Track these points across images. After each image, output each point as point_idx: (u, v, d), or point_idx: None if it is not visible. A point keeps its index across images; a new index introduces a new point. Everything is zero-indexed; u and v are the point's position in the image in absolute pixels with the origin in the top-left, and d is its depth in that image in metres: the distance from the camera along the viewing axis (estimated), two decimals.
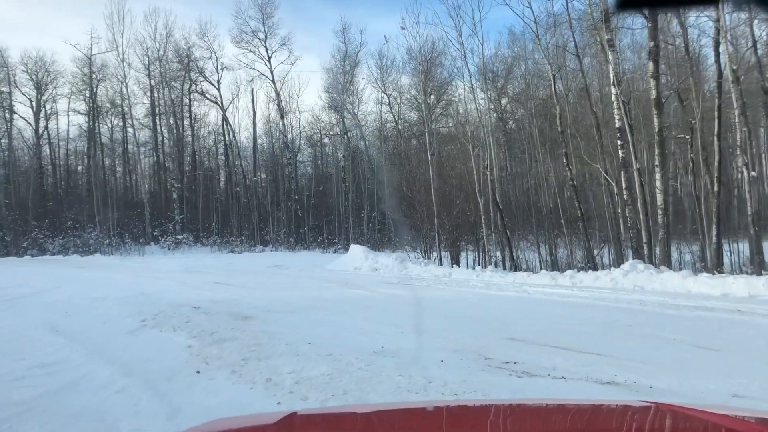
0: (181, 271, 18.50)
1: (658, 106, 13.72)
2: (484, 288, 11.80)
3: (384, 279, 15.09)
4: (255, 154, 37.81)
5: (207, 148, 39.61)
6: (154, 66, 35.97)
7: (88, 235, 29.64)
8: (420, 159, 39.21)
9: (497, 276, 14.54)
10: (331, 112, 38.67)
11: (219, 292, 11.75)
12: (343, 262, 20.77)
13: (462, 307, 8.99)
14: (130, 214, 31.80)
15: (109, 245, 29.69)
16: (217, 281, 14.41)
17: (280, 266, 21.04)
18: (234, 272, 18.17)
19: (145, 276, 16.38)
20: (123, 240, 30.27)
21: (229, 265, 21.85)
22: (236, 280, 15.11)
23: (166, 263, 22.33)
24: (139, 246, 30.24)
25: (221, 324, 7.57)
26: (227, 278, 15.56)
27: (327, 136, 40.04)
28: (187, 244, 31.62)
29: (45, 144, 35.83)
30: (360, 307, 9.09)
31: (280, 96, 35.95)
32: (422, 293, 11.16)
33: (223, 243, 32.46)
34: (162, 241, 31.05)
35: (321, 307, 9.11)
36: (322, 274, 17.09)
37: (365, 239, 34.49)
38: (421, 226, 20.33)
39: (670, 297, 9.65)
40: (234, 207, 35.75)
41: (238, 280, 14.83)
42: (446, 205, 18.85)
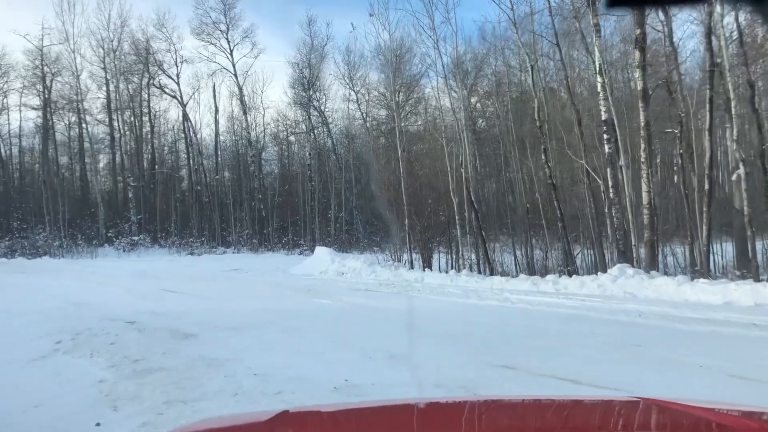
0: (131, 275, 17.01)
1: (645, 99, 12.78)
2: (461, 296, 10.67)
3: (351, 285, 13.89)
4: (217, 152, 36.23)
5: (167, 145, 37.87)
6: (110, 58, 34.17)
7: (37, 236, 27.76)
8: (389, 157, 38.22)
9: (473, 281, 13.45)
10: (297, 109, 37.32)
11: (165, 302, 10.42)
12: (307, 266, 19.51)
13: (440, 322, 7.84)
14: (84, 215, 29.95)
15: (59, 247, 27.86)
16: (166, 288, 13.04)
17: (239, 270, 19.67)
18: (188, 277, 16.77)
19: (89, 282, 14.89)
20: (75, 242, 28.45)
21: (185, 268, 20.39)
22: (188, 286, 13.75)
23: (117, 267, 20.75)
24: (92, 248, 28.45)
25: (153, 346, 6.30)
26: (179, 284, 14.18)
27: (293, 134, 38.65)
28: (143, 245, 29.93)
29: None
30: (322, 323, 7.87)
31: (242, 91, 34.49)
32: (393, 303, 9.98)
33: (182, 244, 30.84)
34: (117, 242, 29.31)
35: (277, 322, 7.87)
36: (283, 280, 15.79)
37: (332, 240, 33.22)
38: (391, 227, 19.17)
39: (670, 306, 8.65)
40: (195, 207, 34.13)
41: (191, 287, 13.47)
42: (417, 205, 17.74)
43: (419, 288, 12.41)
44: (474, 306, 9.45)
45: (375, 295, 11.18)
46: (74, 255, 27.55)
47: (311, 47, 35.02)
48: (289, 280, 15.72)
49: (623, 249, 12.23)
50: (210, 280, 15.79)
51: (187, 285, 14.11)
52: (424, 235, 17.40)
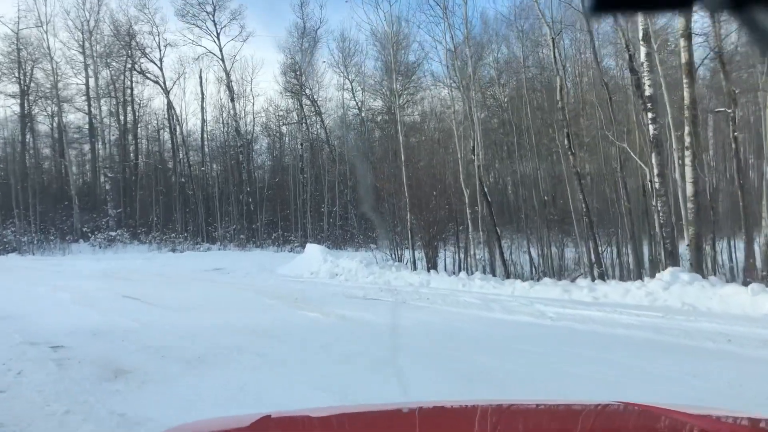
0: (96, 276, 15.00)
1: (690, 74, 10.84)
2: (482, 307, 8.70)
3: (346, 290, 11.92)
4: (203, 142, 34.14)
5: (150, 135, 35.70)
6: (89, 43, 31.95)
7: (5, 231, 25.64)
8: (386, 148, 36.23)
9: (490, 286, 11.50)
10: (289, 98, 35.27)
11: (117, 315, 8.43)
12: (297, 265, 17.55)
13: (463, 349, 5.88)
14: (57, 208, 27.81)
15: (29, 243, 25.74)
16: (129, 294, 11.02)
17: (221, 270, 17.67)
18: (161, 279, 14.77)
19: (41, 285, 12.85)
20: (47, 237, 26.33)
21: (161, 268, 18.35)
22: (156, 291, 11.76)
23: (86, 265, 18.68)
24: (65, 244, 26.36)
25: (61, 392, 4.33)
26: (146, 289, 12.19)
27: (284, 124, 36.61)
28: (121, 241, 27.83)
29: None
30: (308, 351, 5.89)
31: (230, 77, 32.35)
32: (400, 318, 8.01)
33: (164, 241, 28.75)
34: (92, 238, 27.19)
35: (249, 348, 5.90)
36: (269, 283, 13.81)
37: (325, 236, 31.22)
38: (391, 222, 17.22)
39: (758, 326, 6.73)
40: (179, 200, 32.05)
41: (158, 293, 11.48)
42: (420, 197, 15.77)
43: (427, 295, 10.44)
44: (502, 323, 7.49)
45: (375, 306, 9.21)
46: (45, 252, 25.46)
47: (303, 31, 32.97)
48: (275, 283, 13.73)
49: (670, 249, 10.30)
50: (184, 283, 13.79)
51: (155, 289, 12.12)
52: (429, 232, 15.44)
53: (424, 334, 6.81)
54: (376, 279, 13.98)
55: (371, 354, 5.67)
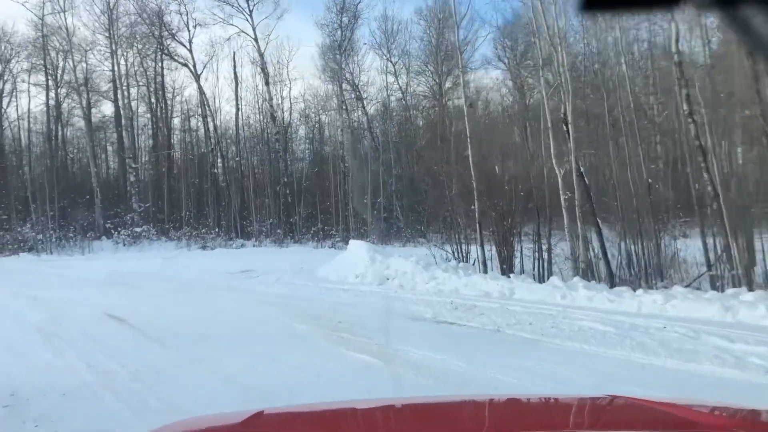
0: (97, 283, 12.45)
1: None
2: (624, 341, 5.55)
3: (405, 305, 8.96)
4: (237, 131, 31.57)
5: (182, 124, 33.38)
6: (114, 26, 29.68)
7: (21, 228, 23.54)
8: (434, 133, 33.13)
9: (602, 298, 8.34)
10: (327, 82, 32.48)
11: (75, 355, 5.69)
12: (339, 266, 14.67)
13: None
14: (79, 203, 25.61)
15: (47, 240, 23.57)
16: (118, 312, 8.28)
17: (250, 272, 14.90)
18: (173, 287, 12.06)
19: (18, 296, 10.26)
20: (66, 234, 24.13)
21: (181, 270, 15.70)
22: (156, 307, 9.02)
23: (96, 267, 16.19)
24: (87, 242, 24.11)
25: None
26: (147, 302, 9.50)
27: (323, 111, 33.85)
28: (148, 238, 25.48)
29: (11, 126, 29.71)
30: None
31: (264, 59, 29.64)
32: (507, 368, 4.93)
33: (194, 237, 26.29)
34: (116, 235, 24.90)
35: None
36: (303, 293, 10.93)
37: (369, 230, 28.35)
38: (451, 212, 14.19)
39: None
40: (211, 193, 29.60)
41: (158, 309, 8.74)
42: (491, 182, 12.69)
43: (522, 315, 7.36)
44: (698, 386, 4.38)
45: (458, 339, 6.21)
46: (65, 250, 23.27)
47: (343, 5, 30.02)
48: (312, 292, 10.86)
49: None
50: (199, 293, 11.02)
51: (156, 304, 9.38)
52: (502, 224, 12.32)
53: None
54: (439, 286, 10.98)
55: None
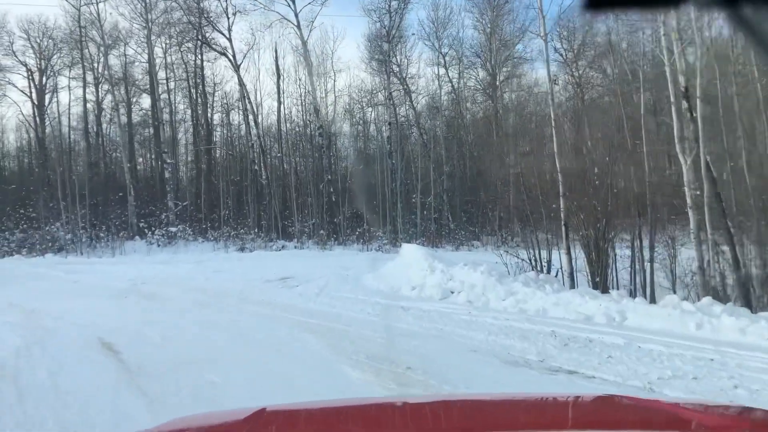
0: (111, 293, 10.63)
1: None
2: None
3: (490, 337, 6.83)
4: (279, 125, 29.83)
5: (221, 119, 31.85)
6: (152, 13, 28.27)
7: (49, 228, 22.19)
8: (487, 129, 30.77)
9: (755, 332, 6.07)
10: (374, 74, 30.54)
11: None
12: (391, 274, 12.66)
13: None
14: (111, 201, 24.19)
15: (76, 241, 22.18)
16: (114, 337, 6.44)
17: (289, 280, 12.95)
18: (195, 300, 10.15)
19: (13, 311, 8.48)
20: (97, 234, 22.70)
21: (211, 277, 13.84)
22: (165, 329, 7.11)
23: (119, 271, 14.49)
24: (119, 242, 22.63)
25: None
26: (158, 321, 7.61)
27: (369, 105, 31.89)
28: (183, 238, 23.90)
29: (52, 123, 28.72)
30: None
31: (307, 46, 27.76)
32: None
33: (233, 237, 24.59)
34: (149, 235, 23.37)
35: None
36: (353, 310, 8.88)
37: (418, 232, 26.26)
38: (529, 212, 11.97)
39: None
40: (251, 191, 27.91)
41: (168, 331, 6.85)
42: (579, 176, 10.42)
43: (683, 366, 5.14)
44: None
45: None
46: (95, 251, 21.83)
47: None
48: (362, 311, 8.79)
49: None
50: (225, 310, 9.05)
51: (167, 324, 7.46)
52: (593, 227, 10.03)
53: None
54: (520, 304, 8.80)
55: None
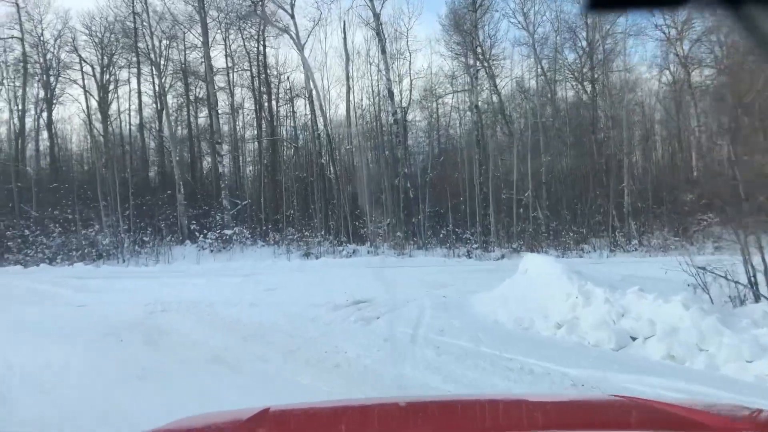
0: (110, 331, 7.10)
1: None
2: None
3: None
4: (348, 113, 26.27)
5: (285, 110, 28.59)
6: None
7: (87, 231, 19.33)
8: (586, 116, 26.24)
9: None
10: (454, 56, 26.54)
11: None
12: (511, 296, 8.83)
13: None
14: (158, 201, 21.19)
15: (117, 246, 19.22)
16: None
17: (365, 305, 9.15)
18: (229, 338, 6.57)
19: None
20: (142, 239, 19.67)
21: (264, 296, 10.20)
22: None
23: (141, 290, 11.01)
24: (166, 246, 19.56)
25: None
26: (132, 394, 3.86)
27: (449, 92, 27.87)
28: (240, 242, 20.60)
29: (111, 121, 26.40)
30: None
31: (380, 20, 23.97)
32: None
33: (297, 240, 21.12)
34: (201, 238, 20.17)
35: None
36: (481, 381, 4.91)
37: (515, 234, 22.05)
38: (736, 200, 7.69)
39: None
40: (317, 188, 24.42)
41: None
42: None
43: None
44: None
45: None
46: (139, 257, 18.80)
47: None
48: (495, 374, 4.82)
49: None
50: (260, 369, 5.32)
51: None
52: None
53: None
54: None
55: None
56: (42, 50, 25.62)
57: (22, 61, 24.32)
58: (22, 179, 22.15)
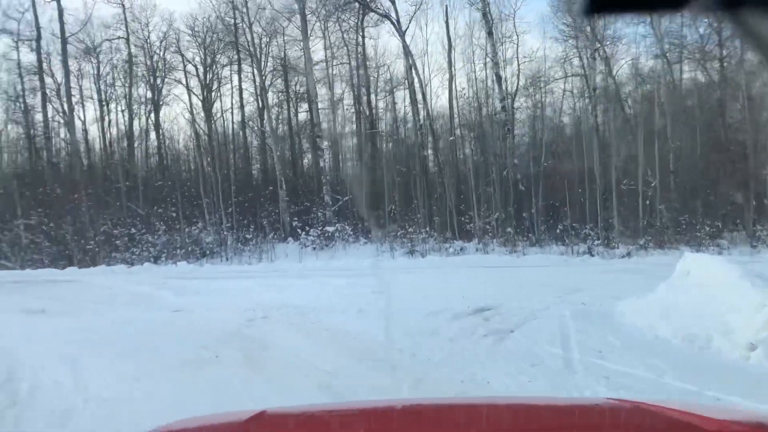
0: (204, 343, 6.22)
1: None
2: None
3: None
4: (451, 101, 24.90)
5: (386, 101, 27.61)
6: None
7: (190, 229, 19.14)
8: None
9: None
10: (564, 38, 24.55)
11: None
12: (671, 305, 7.21)
13: None
14: (260, 198, 20.75)
15: (222, 243, 18.91)
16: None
17: (492, 315, 7.81)
18: (337, 362, 5.43)
19: None
20: (245, 237, 19.25)
21: (373, 301, 8.96)
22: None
23: (242, 291, 10.25)
24: (270, 243, 19.07)
25: None
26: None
27: (561, 77, 25.86)
28: (342, 239, 19.78)
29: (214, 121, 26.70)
30: None
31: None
32: None
33: (400, 237, 20.02)
34: (303, 235, 19.49)
35: None
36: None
37: (640, 229, 19.87)
38: None
39: None
40: (419, 182, 23.23)
41: None
42: None
43: None
44: None
45: None
46: (242, 255, 18.40)
47: None
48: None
49: None
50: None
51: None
52: None
53: None
54: None
55: None
56: (149, 52, 26.10)
57: (128, 62, 24.69)
58: (131, 179, 22.42)
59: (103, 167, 24.19)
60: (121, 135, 25.50)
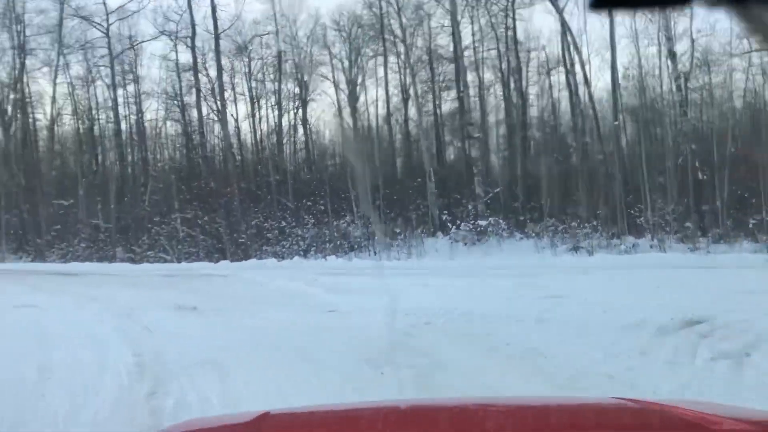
0: (354, 360, 5.32)
1: None
2: None
3: None
4: (614, 83, 22.56)
5: (540, 86, 25.75)
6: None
7: (338, 223, 18.75)
8: None
9: None
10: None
11: None
12: None
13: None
14: (407, 189, 19.93)
15: (370, 237, 18.33)
16: None
17: (707, 328, 6.14)
18: (535, 382, 4.22)
19: None
20: (393, 231, 18.51)
21: (551, 307, 7.56)
22: None
23: (399, 290, 9.26)
24: (419, 238, 18.20)
25: None
26: None
27: (746, 51, 22.49)
28: (496, 234, 18.41)
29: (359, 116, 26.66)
30: None
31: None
32: None
33: (559, 232, 18.28)
34: (453, 230, 18.38)
35: None
36: None
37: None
38: None
39: None
40: (581, 171, 21.21)
41: None
42: None
43: None
44: None
45: None
46: (390, 250, 17.69)
47: None
48: None
49: None
50: None
51: None
52: None
53: None
54: None
55: None
56: (297, 49, 26.33)
57: (277, 57, 24.98)
58: (280, 173, 22.60)
59: (254, 162, 24.71)
60: (271, 130, 25.93)
